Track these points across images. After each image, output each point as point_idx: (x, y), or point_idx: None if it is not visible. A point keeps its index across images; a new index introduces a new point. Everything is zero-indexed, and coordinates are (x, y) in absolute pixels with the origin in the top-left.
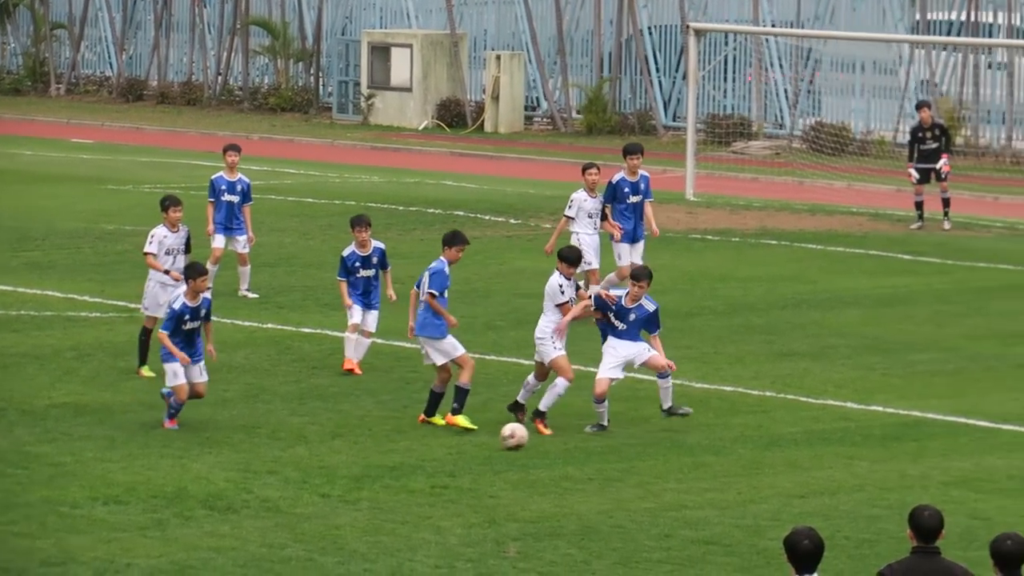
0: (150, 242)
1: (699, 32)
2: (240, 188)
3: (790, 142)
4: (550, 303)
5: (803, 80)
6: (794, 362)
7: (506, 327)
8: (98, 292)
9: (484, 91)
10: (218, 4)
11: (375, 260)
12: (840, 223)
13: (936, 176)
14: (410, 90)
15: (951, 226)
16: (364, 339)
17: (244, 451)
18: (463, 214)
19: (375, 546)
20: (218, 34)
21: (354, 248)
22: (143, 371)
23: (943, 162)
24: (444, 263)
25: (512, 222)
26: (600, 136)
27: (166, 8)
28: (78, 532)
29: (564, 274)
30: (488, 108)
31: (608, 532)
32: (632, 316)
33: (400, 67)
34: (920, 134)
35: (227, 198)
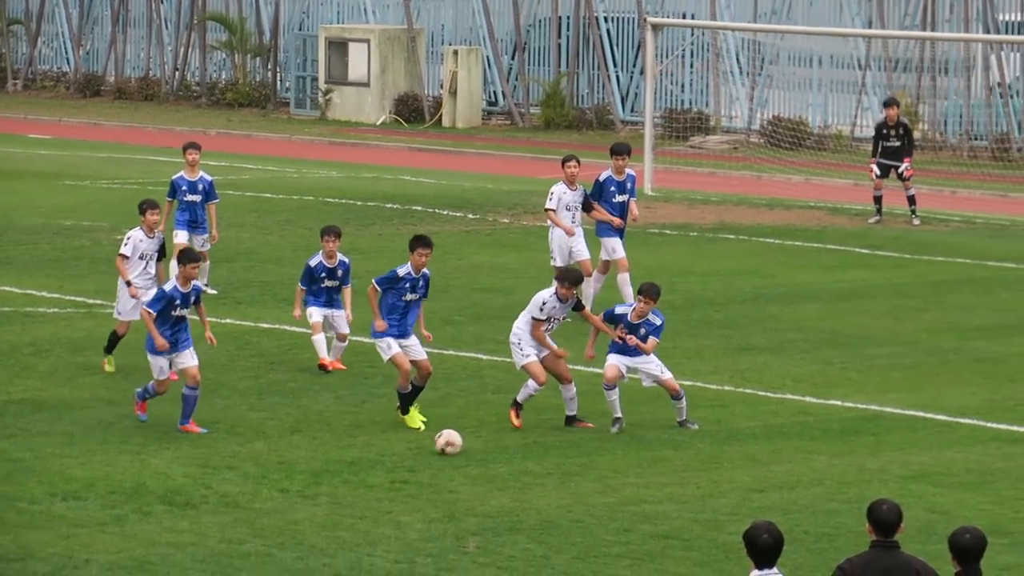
0: (125, 244)
1: (656, 27)
2: (202, 187)
3: (748, 136)
4: (529, 312)
5: (760, 75)
6: (752, 356)
7: (465, 322)
8: (56, 288)
9: (442, 86)
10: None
11: (339, 273)
12: (798, 217)
13: (898, 176)
14: (368, 85)
15: (920, 223)
16: (339, 343)
17: (203, 446)
18: (421, 209)
19: (334, 541)
20: (175, 29)
21: (321, 259)
22: (106, 364)
23: (906, 165)
24: (404, 266)
25: (470, 217)
26: (558, 131)
27: (123, 4)
28: (36, 528)
29: (559, 294)
30: (446, 103)
31: (567, 527)
32: (641, 331)
33: (358, 62)
34: (884, 131)
35: (189, 198)
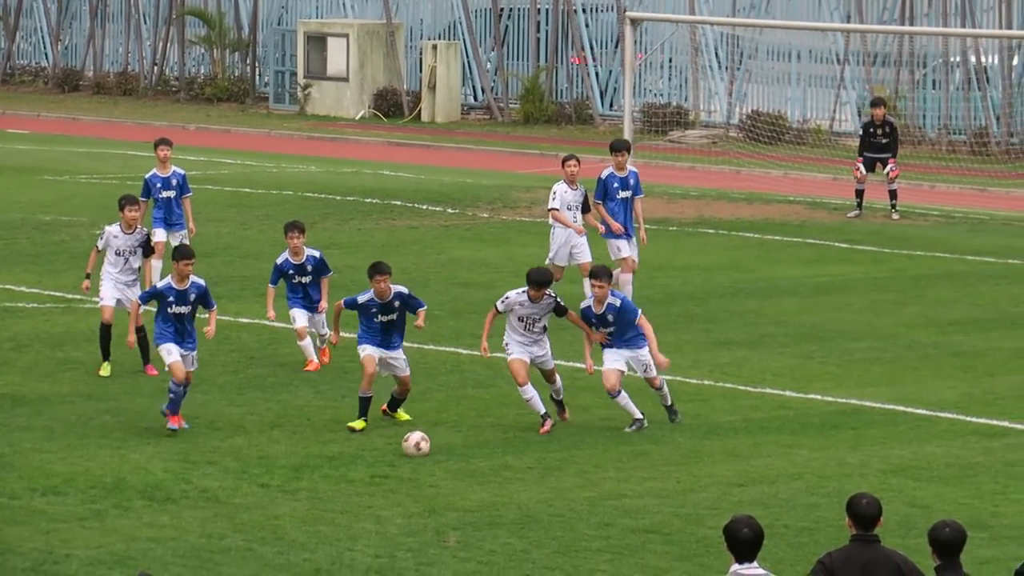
0: (101, 237)
1: (635, 21)
2: (175, 182)
3: (727, 131)
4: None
5: (739, 69)
6: (732, 351)
7: (444, 316)
8: (35, 283)
9: (421, 81)
10: None
11: (310, 268)
12: (777, 212)
13: (885, 174)
14: (347, 80)
15: (899, 217)
16: (321, 345)
17: (183, 441)
18: (400, 203)
19: (315, 536)
20: (154, 24)
21: (287, 256)
22: (102, 369)
23: (891, 167)
24: (366, 293)
25: (450, 211)
26: (537, 125)
27: None
28: (16, 523)
29: (529, 295)
30: (425, 98)
31: (548, 521)
32: (610, 317)
33: (336, 57)
34: (872, 129)
35: (164, 194)
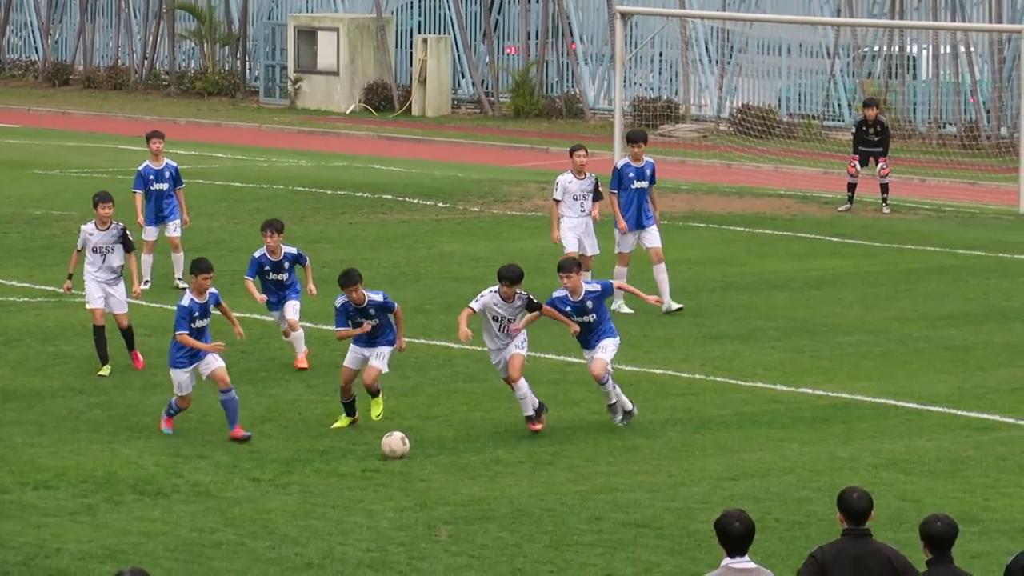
0: (79, 237)
1: (625, 15)
2: (168, 174)
3: (717, 125)
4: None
5: (729, 63)
6: (723, 345)
7: (435, 311)
8: (26, 277)
9: (412, 75)
10: None
11: (287, 265)
12: (768, 206)
13: (877, 171)
14: (337, 74)
15: (890, 211)
16: (295, 333)
17: (174, 436)
18: (391, 197)
19: (306, 530)
20: (144, 18)
21: (265, 252)
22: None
23: (881, 165)
24: (340, 297)
25: (440, 205)
26: (528, 119)
27: None
28: (7, 517)
29: (500, 293)
30: (415, 92)
31: (539, 515)
32: (590, 304)
33: (327, 51)
34: (864, 127)
35: (156, 187)
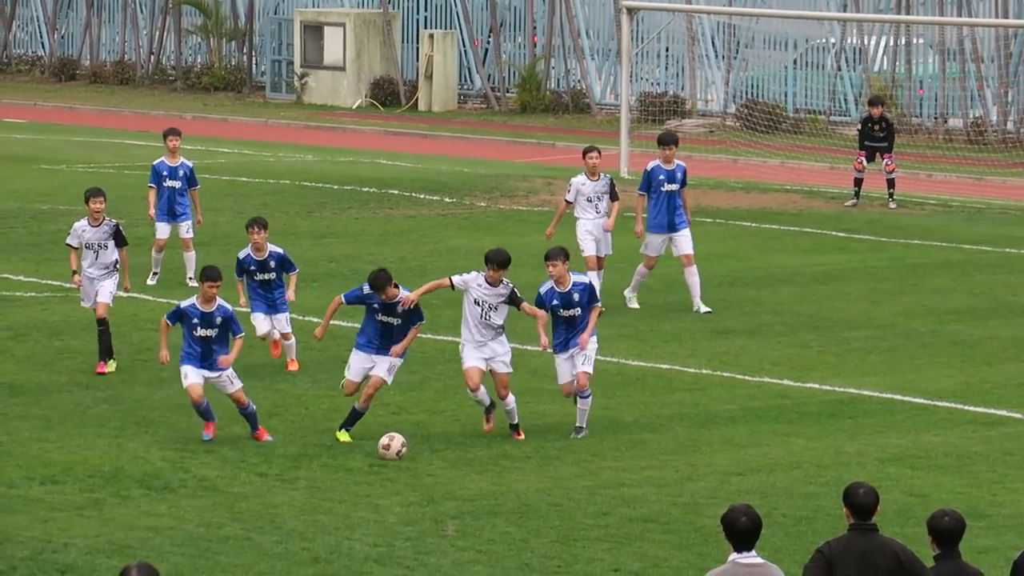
0: (71, 234)
1: (632, 10)
2: (182, 173)
3: (724, 120)
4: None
5: (736, 58)
6: (730, 340)
7: (442, 306)
8: (33, 272)
9: (418, 70)
10: None
11: (272, 265)
12: (774, 201)
13: (883, 167)
14: (343, 69)
15: (896, 206)
16: (286, 341)
17: (181, 430)
18: (398, 192)
19: (313, 525)
20: (150, 13)
21: (249, 251)
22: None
23: (886, 162)
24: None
25: (447, 200)
26: (534, 114)
27: None
28: (14, 512)
29: (487, 277)
30: (422, 87)
31: (546, 510)
32: (576, 296)
33: (333, 46)
34: (870, 124)
35: (169, 184)
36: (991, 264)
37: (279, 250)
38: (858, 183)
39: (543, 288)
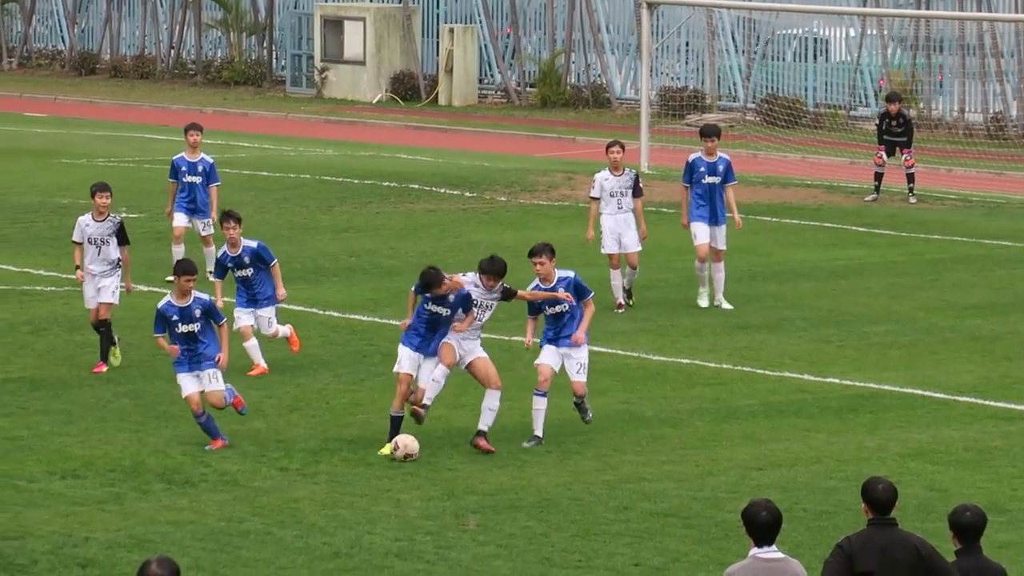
0: (75, 229)
1: (652, 5)
2: (202, 168)
3: (744, 115)
4: None
5: (756, 53)
6: (750, 334)
7: None
8: (53, 266)
9: (438, 64)
10: None
11: (248, 260)
12: (794, 195)
13: (902, 161)
14: (363, 63)
15: (916, 201)
16: (248, 343)
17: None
18: (418, 187)
19: (334, 519)
20: (170, 7)
21: (225, 248)
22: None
23: (905, 156)
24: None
25: (467, 195)
26: (554, 109)
27: None
28: (35, 506)
29: (483, 283)
30: (442, 81)
31: (567, 504)
32: (560, 289)
33: (353, 40)
34: (888, 120)
35: (188, 179)
36: (1011, 259)
37: (253, 244)
38: (878, 178)
39: (529, 287)
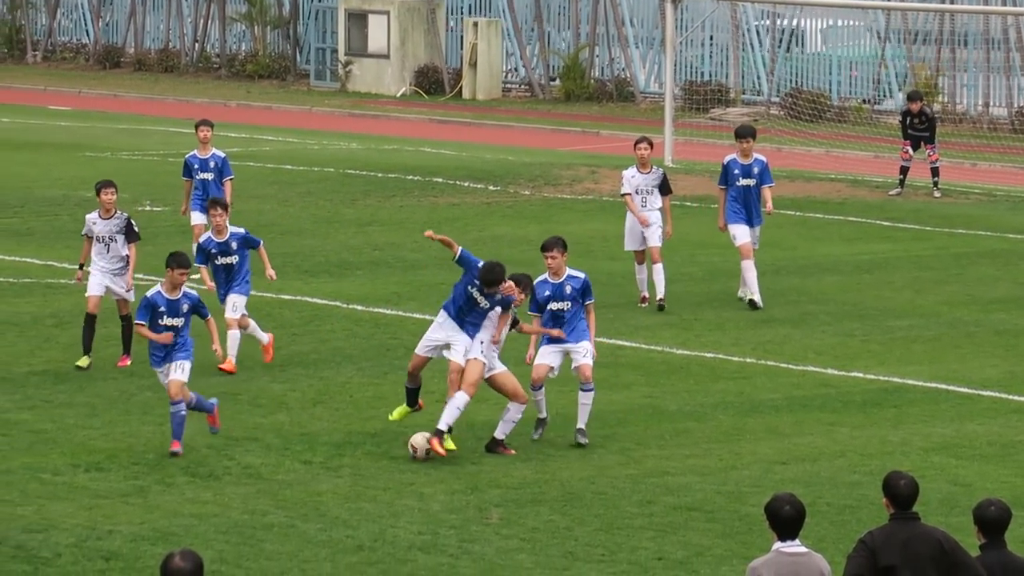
0: (85, 225)
1: None
2: (214, 164)
3: (768, 109)
4: None
5: (780, 47)
6: (774, 328)
7: None
8: (76, 259)
9: (462, 58)
10: None
11: (235, 246)
12: (818, 189)
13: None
14: (388, 57)
15: (941, 195)
16: (233, 332)
17: (225, 418)
18: (442, 181)
19: (357, 513)
20: (195, 1)
21: (210, 234)
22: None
23: (929, 152)
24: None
25: (491, 188)
26: (578, 103)
27: None
28: (59, 499)
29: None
30: (466, 75)
31: (590, 498)
32: (568, 288)
33: (377, 34)
34: (910, 118)
35: (201, 176)
36: None
37: (240, 231)
38: (903, 172)
39: (538, 280)
